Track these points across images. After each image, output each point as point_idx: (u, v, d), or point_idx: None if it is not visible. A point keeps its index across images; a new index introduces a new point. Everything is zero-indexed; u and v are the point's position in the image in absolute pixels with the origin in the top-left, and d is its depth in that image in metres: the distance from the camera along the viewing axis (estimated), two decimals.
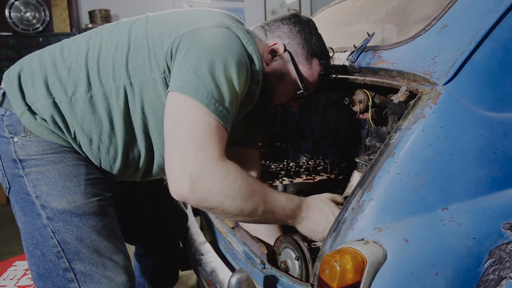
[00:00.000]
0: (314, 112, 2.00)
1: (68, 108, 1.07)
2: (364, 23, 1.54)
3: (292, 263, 1.12)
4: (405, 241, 0.88)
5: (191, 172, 0.88)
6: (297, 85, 1.20)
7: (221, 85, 0.95)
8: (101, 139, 1.09)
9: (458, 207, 0.94)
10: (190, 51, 0.98)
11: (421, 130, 0.95)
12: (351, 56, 1.22)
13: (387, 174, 0.92)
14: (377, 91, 1.38)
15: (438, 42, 1.06)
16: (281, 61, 1.18)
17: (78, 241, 1.07)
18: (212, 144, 0.90)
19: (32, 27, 5.04)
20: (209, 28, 1.02)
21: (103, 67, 1.07)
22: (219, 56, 0.96)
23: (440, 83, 0.99)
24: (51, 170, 1.07)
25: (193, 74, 0.94)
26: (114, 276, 1.11)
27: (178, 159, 0.89)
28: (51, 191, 1.06)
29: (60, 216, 1.06)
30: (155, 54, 1.04)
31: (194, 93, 0.92)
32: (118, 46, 1.08)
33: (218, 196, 0.90)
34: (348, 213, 0.93)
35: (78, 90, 1.07)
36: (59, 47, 1.14)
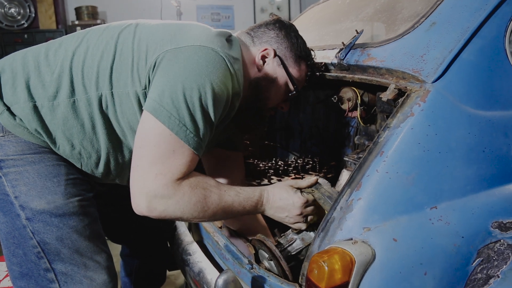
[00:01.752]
0: (303, 110, 1.99)
1: (49, 112, 1.05)
2: (352, 20, 1.53)
3: (269, 263, 1.12)
4: (394, 241, 0.87)
5: (148, 193, 0.94)
6: (288, 87, 1.24)
7: (195, 113, 0.97)
8: (83, 144, 1.08)
9: (447, 206, 0.93)
10: (170, 72, 0.98)
11: (410, 128, 0.94)
12: (339, 54, 1.21)
13: (376, 173, 0.91)
14: (365, 89, 1.38)
15: (427, 39, 1.06)
16: (272, 66, 1.21)
17: (58, 241, 1.06)
18: (173, 169, 0.96)
19: (17, 24, 4.94)
20: (193, 48, 1.01)
21: (87, 73, 1.06)
22: (197, 81, 0.96)
23: (429, 81, 0.99)
24: (30, 170, 1.05)
25: (168, 98, 0.95)
26: (95, 276, 1.10)
27: (139, 179, 0.96)
28: (30, 191, 1.04)
29: (39, 217, 1.04)
30: (138, 68, 1.04)
31: (166, 120, 0.95)
32: (104, 54, 1.07)
33: (174, 213, 0.98)
34: (336, 213, 0.92)
35: (60, 95, 1.05)
36: (44, 50, 1.12)
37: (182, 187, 0.96)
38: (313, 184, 1.17)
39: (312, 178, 1.18)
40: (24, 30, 4.96)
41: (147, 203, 0.95)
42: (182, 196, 0.96)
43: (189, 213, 0.99)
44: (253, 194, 1.10)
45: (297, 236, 1.19)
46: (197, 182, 1.00)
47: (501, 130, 1.02)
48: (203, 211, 1.00)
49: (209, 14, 5.90)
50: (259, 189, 1.12)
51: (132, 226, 1.54)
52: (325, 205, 1.12)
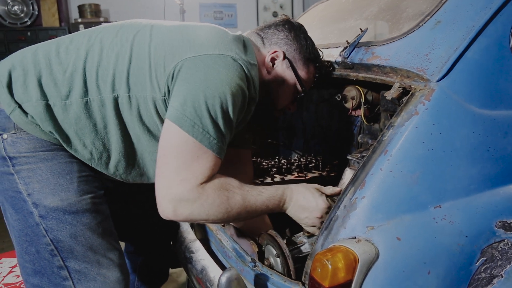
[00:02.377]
0: (306, 109, 1.98)
1: (61, 111, 1.05)
2: (357, 19, 1.52)
3: (274, 260, 1.12)
4: (398, 239, 0.87)
5: (173, 199, 0.97)
6: (297, 89, 1.25)
7: (218, 120, 0.99)
8: (94, 144, 1.08)
9: (451, 205, 0.93)
10: (191, 81, 1.00)
11: (414, 127, 0.94)
12: (343, 52, 1.20)
13: (380, 172, 0.91)
14: (369, 88, 1.37)
15: (432, 38, 1.05)
16: (281, 68, 1.22)
17: (72, 239, 1.06)
18: (197, 174, 0.98)
19: (20, 21, 4.95)
20: (212, 56, 1.02)
21: (102, 74, 1.06)
22: (218, 90, 0.98)
23: (433, 80, 0.98)
24: (42, 167, 1.05)
25: (191, 107, 0.97)
26: (109, 273, 1.11)
27: (164, 185, 0.98)
28: (43, 188, 1.05)
29: (53, 214, 1.05)
30: (157, 75, 1.04)
31: (190, 129, 0.97)
32: (119, 57, 1.08)
33: (200, 216, 1.00)
34: (340, 211, 0.92)
35: (73, 94, 1.05)
36: (55, 47, 1.11)
37: (205, 191, 0.98)
38: (336, 194, 1.16)
39: (336, 188, 1.17)
40: (27, 28, 4.96)
41: (173, 208, 0.97)
42: (206, 199, 0.98)
43: (214, 215, 1.00)
44: (275, 192, 1.10)
45: (307, 240, 1.18)
46: (220, 184, 1.02)
47: (505, 129, 1.02)
48: (227, 212, 1.01)
49: (212, 12, 5.90)
50: (282, 188, 1.12)
51: (136, 223, 1.55)
52: None
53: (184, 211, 0.98)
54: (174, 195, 0.97)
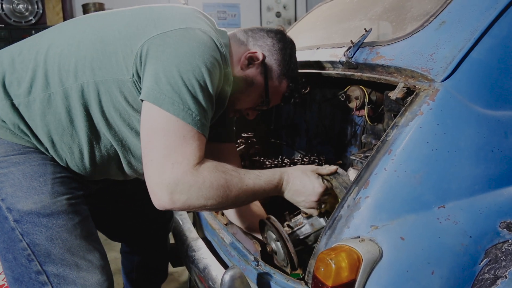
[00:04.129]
0: (309, 108, 1.98)
1: (26, 109, 1.03)
2: (361, 19, 1.52)
3: (276, 244, 1.12)
4: (401, 239, 0.87)
5: (168, 185, 0.91)
6: (261, 98, 1.22)
7: (197, 95, 0.95)
8: (63, 139, 1.06)
9: (455, 205, 0.93)
10: (163, 58, 0.96)
11: (419, 127, 0.93)
12: (348, 52, 1.20)
13: (384, 171, 0.91)
14: (373, 88, 1.37)
15: (437, 38, 1.05)
16: (255, 71, 1.18)
17: (48, 242, 1.03)
18: (188, 155, 0.94)
19: (25, 20, 4.96)
20: (179, 31, 0.99)
21: (64, 65, 1.03)
22: (192, 62, 0.95)
23: (438, 80, 0.98)
24: (15, 171, 1.03)
25: (167, 84, 0.93)
26: (88, 276, 1.07)
27: (156, 173, 0.93)
28: (16, 192, 1.02)
29: (27, 218, 1.02)
30: (124, 56, 1.01)
31: (170, 107, 0.93)
32: (81, 44, 1.04)
33: (198, 201, 0.95)
34: (344, 211, 0.92)
35: (35, 90, 1.03)
36: (19, 46, 1.10)
37: (201, 173, 0.94)
38: (333, 172, 1.15)
39: (332, 166, 1.16)
40: (31, 26, 4.97)
41: (169, 195, 0.92)
42: (203, 181, 0.94)
43: (213, 198, 0.96)
44: (273, 176, 1.09)
45: (307, 221, 1.19)
46: (215, 166, 0.98)
47: (510, 130, 1.01)
48: (226, 196, 0.97)
49: (216, 12, 5.90)
50: (279, 171, 1.11)
51: (129, 222, 1.54)
52: (341, 195, 1.11)
53: (181, 197, 0.92)
54: (168, 181, 0.91)
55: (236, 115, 1.31)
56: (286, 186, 1.11)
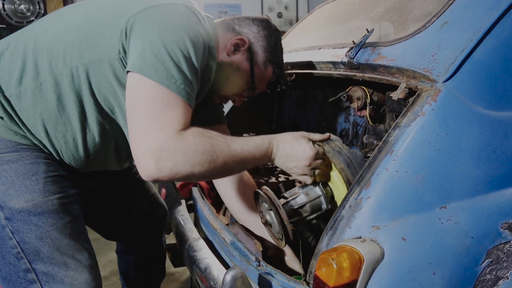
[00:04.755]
0: (310, 109, 1.98)
1: (18, 100, 1.04)
2: (363, 19, 1.52)
3: (269, 215, 1.11)
4: (403, 240, 0.87)
5: (153, 152, 0.90)
6: (247, 84, 1.23)
7: (180, 64, 0.96)
8: (56, 128, 1.06)
9: (457, 206, 0.93)
10: (147, 30, 0.97)
11: (421, 127, 0.93)
12: (350, 53, 1.20)
13: (386, 172, 0.91)
14: (375, 88, 1.37)
15: (439, 39, 1.05)
16: (241, 57, 1.20)
17: (38, 240, 1.04)
18: (172, 121, 0.93)
19: (26, 20, 4.97)
20: (164, 5, 1.01)
21: (52, 51, 1.04)
22: (176, 33, 0.96)
23: (440, 81, 0.98)
24: (8, 169, 1.04)
25: (151, 54, 0.94)
26: (77, 275, 1.08)
27: (141, 141, 0.92)
28: (8, 190, 1.03)
29: (18, 216, 1.03)
30: (110, 36, 1.01)
31: (154, 75, 0.93)
32: (68, 30, 1.05)
33: (185, 167, 0.93)
34: (345, 211, 0.91)
35: (26, 80, 1.03)
36: (6, 41, 1.11)
37: (186, 138, 0.93)
38: (325, 139, 1.14)
39: (325, 134, 1.15)
40: None
41: (155, 163, 0.90)
42: (188, 146, 0.92)
43: (200, 164, 0.94)
44: (262, 142, 1.07)
45: (301, 191, 1.17)
46: (200, 132, 0.97)
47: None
48: (213, 161, 0.95)
49: (217, 12, 5.90)
50: (268, 137, 1.09)
51: (123, 220, 1.54)
52: (334, 159, 1.10)
53: (167, 163, 0.91)
54: (153, 148, 0.90)
55: (223, 101, 1.32)
56: (276, 152, 1.09)
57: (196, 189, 1.69)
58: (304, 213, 1.16)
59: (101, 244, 2.77)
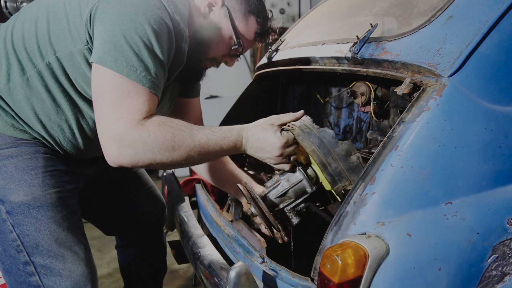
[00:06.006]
0: (314, 105, 1.97)
1: (9, 96, 1.07)
2: (367, 14, 1.51)
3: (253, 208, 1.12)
4: (408, 236, 0.86)
5: (114, 140, 0.94)
6: (232, 41, 1.21)
7: (140, 52, 0.96)
8: (51, 118, 1.09)
9: (462, 202, 0.92)
10: (106, 19, 0.98)
11: (426, 122, 0.93)
12: (353, 48, 1.19)
13: (390, 167, 0.90)
14: (379, 84, 1.36)
15: (444, 33, 1.04)
16: (218, 15, 1.18)
17: (37, 232, 1.08)
18: (132, 109, 0.94)
19: None
20: None
21: (29, 47, 1.06)
22: (135, 21, 0.96)
23: (445, 75, 0.97)
24: (8, 164, 1.07)
25: (110, 43, 0.95)
26: (74, 267, 1.12)
27: (103, 129, 0.95)
28: (8, 185, 1.06)
29: (18, 209, 1.06)
30: (76, 26, 1.03)
31: (113, 64, 0.94)
32: (37, 23, 1.07)
33: (145, 156, 0.95)
34: (350, 207, 0.91)
35: (13, 76, 1.06)
36: None
37: (146, 127, 0.95)
38: (297, 118, 1.12)
39: (297, 112, 1.14)
40: None
41: (116, 149, 0.94)
42: (147, 135, 0.94)
43: (160, 153, 0.96)
44: (230, 133, 1.06)
45: (282, 177, 1.16)
46: (163, 121, 0.98)
47: None
48: (174, 151, 0.97)
49: None
50: (236, 128, 1.09)
51: (120, 213, 1.56)
52: (303, 142, 1.09)
53: (128, 151, 0.94)
54: (114, 135, 0.93)
55: (215, 65, 1.30)
56: (246, 144, 1.09)
57: (200, 186, 1.69)
58: (288, 200, 1.15)
59: (105, 241, 2.79)
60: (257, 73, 1.92)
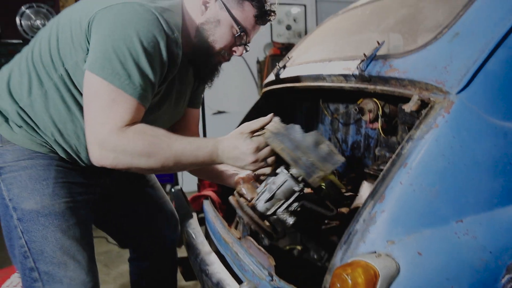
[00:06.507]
0: (322, 121, 1.98)
1: (31, 108, 1.14)
2: (373, 31, 1.52)
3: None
4: (419, 254, 0.85)
5: (97, 143, 1.03)
6: (234, 29, 1.24)
7: (125, 62, 1.02)
8: (66, 126, 1.16)
9: (473, 220, 0.91)
10: (100, 29, 1.05)
11: (434, 140, 0.92)
12: (361, 65, 1.20)
13: (400, 185, 0.90)
14: (386, 100, 1.36)
15: (450, 50, 1.04)
16: (215, 9, 1.22)
17: (43, 239, 1.14)
18: (115, 117, 1.03)
19: None
20: (118, 5, 1.06)
21: (45, 62, 1.14)
22: (124, 33, 1.02)
23: (452, 92, 0.97)
24: (23, 174, 1.15)
25: (100, 52, 1.03)
26: (75, 275, 1.16)
27: (90, 131, 1.04)
28: (21, 193, 1.14)
29: (28, 216, 1.14)
30: (77, 36, 1.09)
31: (100, 72, 1.02)
32: (50, 39, 1.14)
33: (125, 160, 1.04)
34: (359, 225, 0.90)
35: (34, 90, 1.14)
36: (16, 59, 1.22)
37: (126, 134, 1.02)
38: (266, 123, 1.14)
39: (266, 117, 1.16)
40: None
41: (99, 152, 1.03)
42: (127, 142, 1.02)
43: (137, 159, 1.04)
44: (206, 143, 1.12)
45: (269, 181, 1.17)
46: (144, 129, 1.05)
47: None
48: (150, 158, 1.04)
49: None
50: (213, 140, 1.14)
51: (134, 226, 1.57)
52: (273, 143, 1.10)
53: (109, 154, 1.03)
54: (97, 139, 1.02)
55: (224, 59, 1.32)
56: (222, 155, 1.13)
57: (208, 202, 1.69)
58: (279, 202, 1.16)
59: (112, 257, 2.79)
60: (265, 90, 1.93)
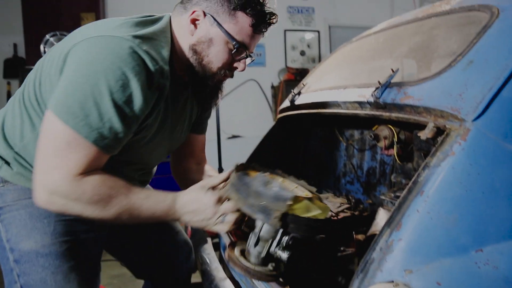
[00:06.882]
0: (337, 148, 1.98)
1: (25, 152, 1.10)
2: (387, 59, 1.54)
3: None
4: (438, 285, 0.84)
5: (46, 187, 0.95)
6: (230, 44, 1.13)
7: (85, 101, 0.93)
8: None
9: (494, 249, 0.89)
10: (67, 67, 0.98)
11: (451, 167, 0.92)
12: (375, 92, 1.21)
13: (417, 213, 0.89)
14: (401, 127, 1.37)
15: (465, 78, 1.05)
16: (205, 27, 1.12)
17: (42, 283, 1.07)
18: (70, 163, 0.94)
19: None
20: (91, 39, 0.98)
21: (33, 104, 1.09)
22: (89, 70, 0.94)
23: (468, 120, 0.97)
24: (23, 213, 1.09)
25: (62, 93, 0.96)
26: None
27: (39, 172, 0.96)
28: (20, 232, 1.08)
29: (26, 257, 1.07)
30: (54, 73, 1.03)
31: (58, 112, 0.94)
32: (35, 81, 1.09)
33: (73, 209, 0.98)
34: (376, 253, 0.89)
35: (26, 133, 1.09)
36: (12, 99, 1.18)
37: (81, 184, 0.95)
38: (225, 179, 1.11)
39: (224, 173, 1.13)
40: None
41: (46, 197, 0.95)
42: (82, 193, 0.95)
43: (90, 210, 0.98)
44: (164, 198, 1.07)
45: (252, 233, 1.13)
46: (102, 180, 0.98)
47: None
48: (105, 211, 0.99)
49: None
50: (173, 194, 1.09)
51: (147, 257, 1.55)
52: (230, 195, 1.07)
53: (58, 200, 0.95)
54: (47, 184, 0.94)
55: (228, 76, 1.23)
56: (180, 209, 1.08)
57: None
58: (267, 243, 1.13)
59: (125, 281, 2.78)
60: (280, 116, 1.95)
